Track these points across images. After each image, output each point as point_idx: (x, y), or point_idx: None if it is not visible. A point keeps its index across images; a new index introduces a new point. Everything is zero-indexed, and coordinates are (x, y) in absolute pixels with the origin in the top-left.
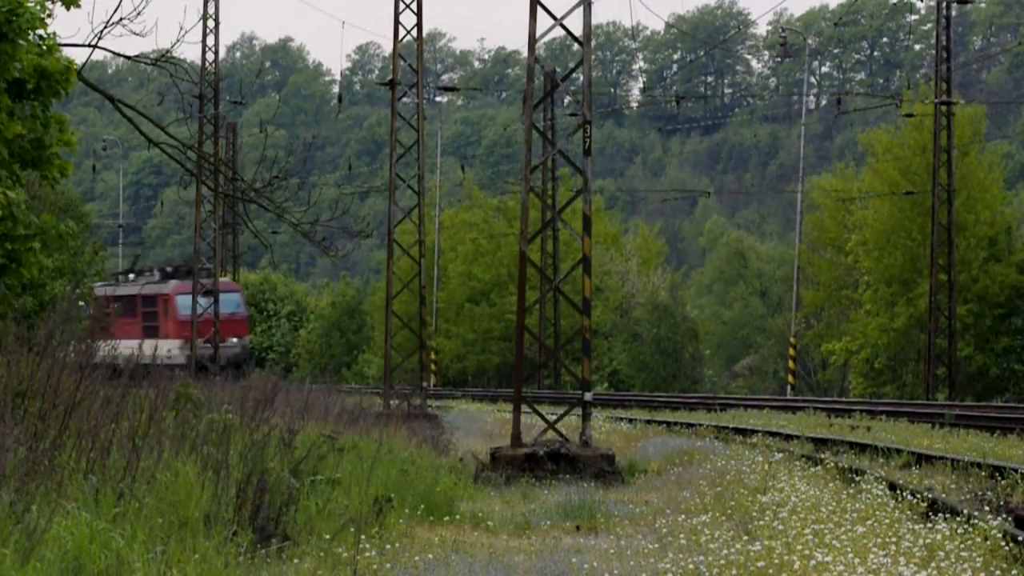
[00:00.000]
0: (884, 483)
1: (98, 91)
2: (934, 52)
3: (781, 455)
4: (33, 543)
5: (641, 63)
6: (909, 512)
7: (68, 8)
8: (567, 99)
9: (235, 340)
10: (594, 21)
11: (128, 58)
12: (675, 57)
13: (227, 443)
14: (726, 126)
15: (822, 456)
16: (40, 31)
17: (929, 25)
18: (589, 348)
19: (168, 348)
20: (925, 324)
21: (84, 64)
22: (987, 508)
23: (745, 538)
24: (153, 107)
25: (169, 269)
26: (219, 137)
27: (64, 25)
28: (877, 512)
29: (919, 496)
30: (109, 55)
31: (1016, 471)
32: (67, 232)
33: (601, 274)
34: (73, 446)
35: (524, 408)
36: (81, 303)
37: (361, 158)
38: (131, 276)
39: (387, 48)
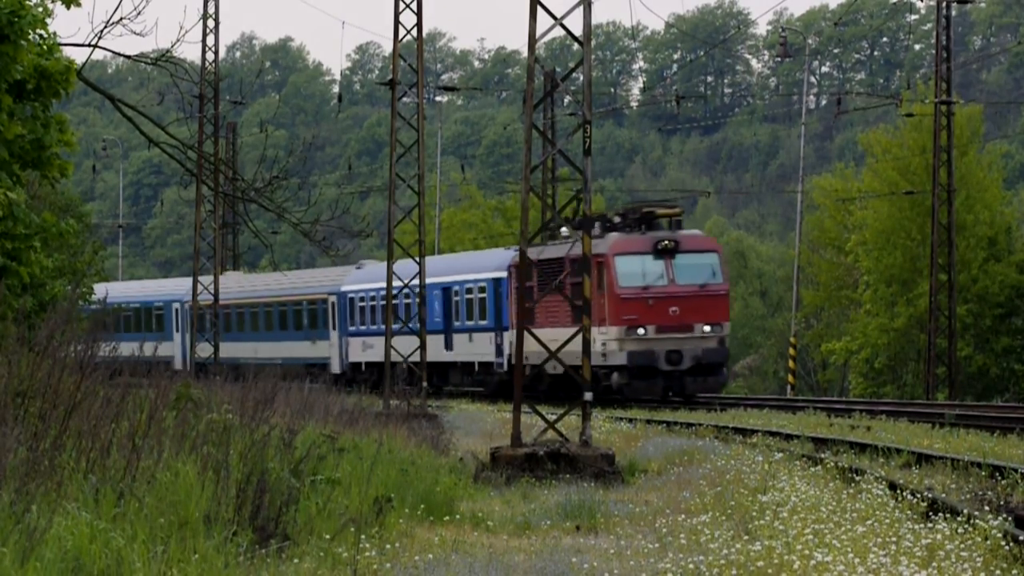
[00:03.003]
0: (884, 483)
1: (98, 91)
2: (934, 52)
3: (781, 455)
4: (33, 543)
5: (641, 63)
6: (909, 512)
7: (68, 7)
8: (567, 99)
9: (707, 329)
10: (594, 21)
11: (128, 58)
12: (675, 57)
13: (227, 443)
14: (726, 126)
15: (822, 456)
16: (40, 31)
17: (929, 25)
18: (589, 348)
19: (601, 340)
20: (925, 324)
21: (84, 64)
22: (987, 508)
23: (745, 538)
24: (153, 107)
25: (616, 218)
26: (219, 137)
27: (64, 25)
28: (877, 512)
29: (919, 496)
30: (109, 55)
31: (1016, 471)
32: (68, 230)
33: None
34: (73, 446)
35: (524, 408)
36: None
37: (361, 158)
38: (563, 231)
39: (387, 48)
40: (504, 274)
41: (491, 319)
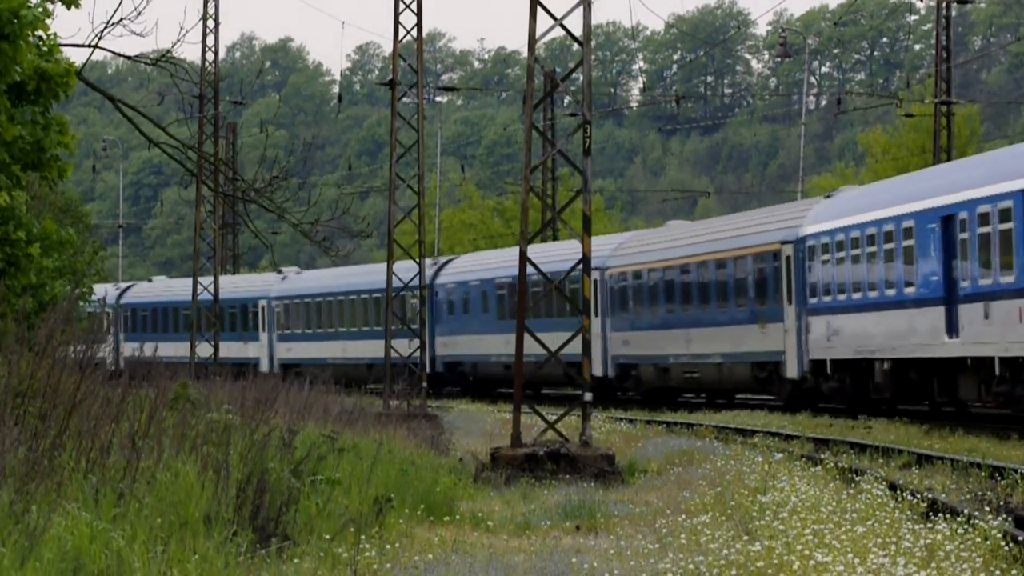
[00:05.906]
0: (884, 483)
1: (98, 91)
2: (934, 52)
3: (781, 455)
4: (33, 543)
5: (641, 63)
6: (909, 512)
7: (68, 8)
8: (567, 99)
9: None
10: (594, 21)
11: (128, 58)
12: (675, 57)
13: (227, 443)
14: (726, 126)
15: (822, 456)
16: (40, 32)
17: (929, 25)
18: (589, 348)
19: None
20: None
21: (84, 64)
22: (987, 508)
23: (745, 538)
24: (153, 107)
25: None
26: (219, 137)
27: (64, 25)
28: (877, 512)
29: (919, 496)
30: (109, 55)
31: (1016, 471)
32: (67, 239)
33: None
34: (73, 446)
35: (524, 408)
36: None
37: (361, 158)
38: None
39: (387, 48)
40: None
41: (1020, 271)
